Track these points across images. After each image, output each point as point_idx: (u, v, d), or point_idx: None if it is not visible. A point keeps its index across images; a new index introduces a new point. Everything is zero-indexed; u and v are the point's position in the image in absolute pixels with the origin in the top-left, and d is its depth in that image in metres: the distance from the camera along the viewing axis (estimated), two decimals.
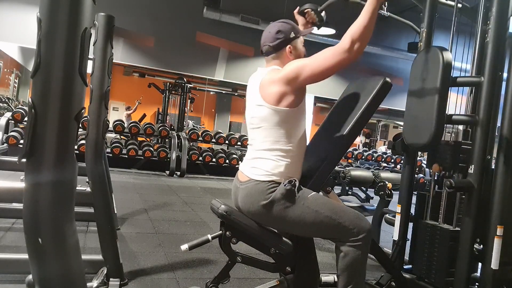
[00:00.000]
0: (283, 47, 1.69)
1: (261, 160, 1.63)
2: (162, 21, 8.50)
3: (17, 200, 2.32)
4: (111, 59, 2.34)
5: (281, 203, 1.58)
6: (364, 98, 1.71)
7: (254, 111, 1.67)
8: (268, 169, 1.61)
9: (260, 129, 1.65)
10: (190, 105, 11.30)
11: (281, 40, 1.68)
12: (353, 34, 1.47)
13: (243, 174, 1.69)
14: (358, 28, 1.48)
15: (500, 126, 2.00)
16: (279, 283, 1.75)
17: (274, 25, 1.72)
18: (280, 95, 1.58)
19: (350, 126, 1.68)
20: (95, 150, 2.27)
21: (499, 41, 2.01)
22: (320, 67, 1.53)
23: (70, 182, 1.04)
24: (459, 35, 2.48)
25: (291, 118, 1.61)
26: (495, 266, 1.93)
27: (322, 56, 1.53)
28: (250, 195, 1.62)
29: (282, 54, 1.70)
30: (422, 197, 2.40)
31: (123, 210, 3.98)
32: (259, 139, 1.66)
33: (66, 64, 0.98)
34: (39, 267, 1.01)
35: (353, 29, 1.48)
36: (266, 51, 1.72)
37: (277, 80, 1.59)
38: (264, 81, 1.63)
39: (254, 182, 1.62)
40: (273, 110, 1.60)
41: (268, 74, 1.65)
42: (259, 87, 1.64)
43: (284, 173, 1.61)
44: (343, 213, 1.62)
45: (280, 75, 1.59)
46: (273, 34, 1.69)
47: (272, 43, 1.69)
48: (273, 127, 1.61)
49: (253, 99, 1.68)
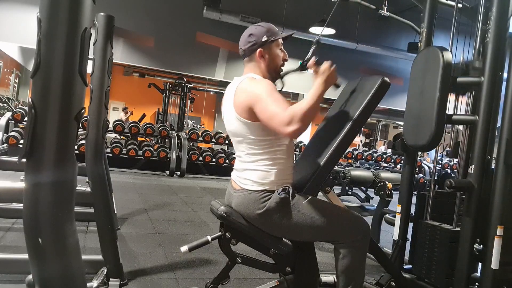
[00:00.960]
0: (254, 51, 1.66)
1: (249, 172, 1.61)
2: (162, 21, 8.50)
3: (17, 200, 2.32)
4: (111, 59, 2.34)
5: (276, 212, 1.56)
6: (362, 97, 1.71)
7: (232, 124, 1.63)
8: (258, 179, 1.59)
9: (243, 142, 1.62)
10: (190, 105, 11.30)
11: (252, 43, 1.65)
12: (295, 112, 1.43)
13: (235, 183, 1.68)
14: (301, 109, 1.44)
15: (500, 126, 2.00)
16: (279, 283, 1.75)
17: (249, 28, 1.69)
18: (250, 111, 1.54)
19: (349, 126, 1.67)
20: (95, 150, 2.27)
21: (499, 41, 2.01)
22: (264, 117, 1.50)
23: (70, 182, 1.04)
24: (459, 35, 2.48)
25: (268, 129, 1.55)
26: (495, 266, 1.93)
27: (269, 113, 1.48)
28: (243, 204, 1.61)
29: (254, 58, 1.67)
30: (422, 197, 2.40)
31: (123, 210, 3.97)
32: (243, 150, 1.63)
33: (66, 64, 0.98)
34: (39, 267, 1.01)
35: (296, 109, 1.44)
36: (241, 54, 1.71)
37: (243, 99, 1.56)
38: (236, 95, 1.60)
39: (247, 192, 1.60)
40: (247, 124, 1.56)
41: (239, 87, 1.60)
42: (233, 100, 1.60)
43: (275, 181, 1.59)
44: (340, 216, 1.61)
45: (243, 97, 1.56)
46: (246, 38, 1.67)
47: (244, 46, 1.67)
48: (253, 140, 1.58)
49: (229, 111, 1.64)
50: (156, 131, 7.74)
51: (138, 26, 8.32)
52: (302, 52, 1.91)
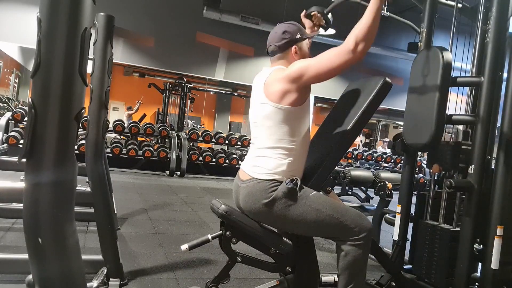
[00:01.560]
0: (288, 47, 1.70)
1: (263, 159, 1.64)
2: (162, 21, 8.50)
3: (17, 200, 2.33)
4: (111, 59, 2.34)
5: (283, 201, 1.58)
6: (364, 98, 1.71)
7: (258, 109, 1.68)
8: (270, 167, 1.61)
9: (263, 127, 1.66)
10: (190, 105, 11.30)
11: (287, 40, 1.69)
12: (357, 34, 1.48)
13: (244, 173, 1.69)
14: (362, 29, 1.48)
15: (500, 126, 2.00)
16: (279, 283, 1.75)
17: (281, 26, 1.73)
18: (283, 93, 1.59)
19: (351, 126, 1.68)
20: (95, 150, 2.27)
21: (499, 41, 2.01)
22: (324, 68, 1.53)
23: (70, 182, 1.04)
24: (459, 35, 2.48)
25: (294, 116, 1.61)
26: (495, 266, 1.93)
27: (327, 57, 1.53)
28: (251, 194, 1.62)
29: (288, 55, 1.71)
30: (422, 197, 2.40)
31: (123, 210, 3.97)
32: (262, 137, 1.66)
33: (66, 64, 0.98)
34: (39, 267, 1.01)
35: (357, 30, 1.49)
36: (272, 51, 1.73)
37: (281, 79, 1.60)
38: (268, 80, 1.64)
39: (256, 181, 1.62)
40: (276, 108, 1.60)
41: (272, 73, 1.66)
42: (264, 85, 1.65)
43: (286, 172, 1.61)
44: (344, 212, 1.62)
45: (284, 73, 1.60)
46: (280, 35, 1.71)
47: (278, 43, 1.70)
48: (276, 125, 1.62)
49: (257, 97, 1.69)
50: (156, 131, 7.75)
51: (138, 26, 8.32)
52: None
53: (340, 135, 1.72)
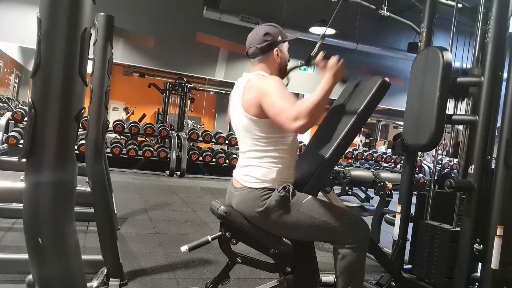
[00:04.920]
0: (270, 49, 1.68)
1: (252, 168, 1.62)
2: (162, 21, 8.50)
3: (17, 200, 2.32)
4: (111, 59, 2.34)
5: (276, 209, 1.57)
6: (362, 97, 1.71)
7: (238, 120, 1.65)
8: (260, 176, 1.60)
9: (246, 138, 1.64)
10: (190, 105, 11.30)
11: (269, 42, 1.67)
12: (301, 108, 1.43)
13: (236, 181, 1.68)
14: (309, 105, 1.44)
15: (500, 126, 2.00)
16: (279, 283, 1.75)
17: (262, 27, 1.70)
18: (258, 108, 1.56)
19: (349, 126, 1.67)
20: (95, 150, 2.27)
21: (499, 41, 2.01)
22: (272, 114, 1.51)
23: (70, 182, 1.04)
24: (459, 35, 2.48)
25: (275, 126, 1.57)
26: (495, 266, 1.93)
27: (276, 109, 1.49)
28: (244, 202, 1.61)
29: (269, 57, 1.69)
30: (422, 197, 2.40)
31: (123, 210, 3.97)
32: (247, 147, 1.65)
33: (66, 64, 0.98)
34: (39, 267, 1.01)
35: (303, 104, 1.45)
36: (252, 53, 1.70)
37: (254, 95, 1.57)
38: (245, 89, 1.61)
39: (248, 189, 1.61)
40: (254, 120, 1.58)
41: (250, 81, 1.63)
42: (242, 95, 1.62)
43: (277, 179, 1.60)
44: (339, 217, 1.61)
45: (255, 92, 1.57)
46: (261, 36, 1.67)
47: (259, 45, 1.67)
48: (259, 136, 1.60)
49: (237, 107, 1.66)
50: (156, 131, 7.74)
51: (138, 26, 8.31)
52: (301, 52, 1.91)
53: (338, 136, 1.71)
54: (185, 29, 8.68)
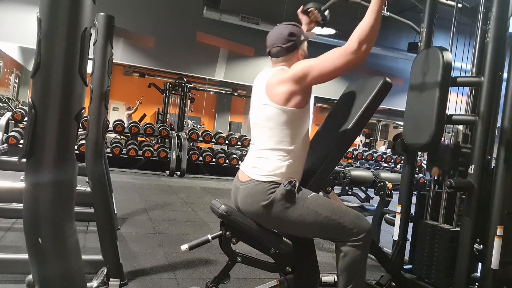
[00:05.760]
0: (295, 49, 1.70)
1: (263, 160, 1.63)
2: (162, 21, 8.50)
3: (17, 200, 2.32)
4: (111, 59, 2.34)
5: (281, 203, 1.57)
6: (364, 98, 1.71)
7: (260, 110, 1.67)
8: (270, 169, 1.61)
9: (264, 129, 1.65)
10: (190, 105, 11.30)
11: (293, 42, 1.69)
12: (360, 35, 1.48)
13: (243, 174, 1.69)
14: (365, 29, 1.48)
15: (500, 126, 2.00)
16: (279, 283, 1.75)
17: (286, 27, 1.72)
18: (288, 95, 1.58)
19: (351, 126, 1.68)
20: (95, 150, 2.27)
21: (499, 41, 2.01)
22: (328, 68, 1.53)
23: (70, 182, 1.04)
24: (459, 35, 2.48)
25: (297, 118, 1.61)
26: (495, 266, 1.93)
27: (330, 57, 1.53)
28: (250, 195, 1.62)
29: (293, 56, 1.71)
30: (422, 197, 2.40)
31: (123, 210, 3.98)
32: (263, 138, 1.66)
33: (66, 64, 0.98)
34: (39, 267, 1.01)
35: (359, 30, 1.49)
36: (276, 52, 1.71)
37: (286, 80, 1.59)
38: (271, 81, 1.63)
39: (255, 182, 1.61)
40: (280, 110, 1.60)
41: (275, 74, 1.65)
42: (266, 86, 1.64)
43: (285, 174, 1.61)
44: (343, 214, 1.62)
45: (288, 74, 1.59)
46: (286, 36, 1.69)
47: (285, 44, 1.69)
48: (278, 127, 1.61)
49: (259, 98, 1.68)
50: (156, 131, 7.75)
51: (138, 26, 8.32)
52: None
53: (340, 135, 1.72)
54: (185, 29, 8.68)
